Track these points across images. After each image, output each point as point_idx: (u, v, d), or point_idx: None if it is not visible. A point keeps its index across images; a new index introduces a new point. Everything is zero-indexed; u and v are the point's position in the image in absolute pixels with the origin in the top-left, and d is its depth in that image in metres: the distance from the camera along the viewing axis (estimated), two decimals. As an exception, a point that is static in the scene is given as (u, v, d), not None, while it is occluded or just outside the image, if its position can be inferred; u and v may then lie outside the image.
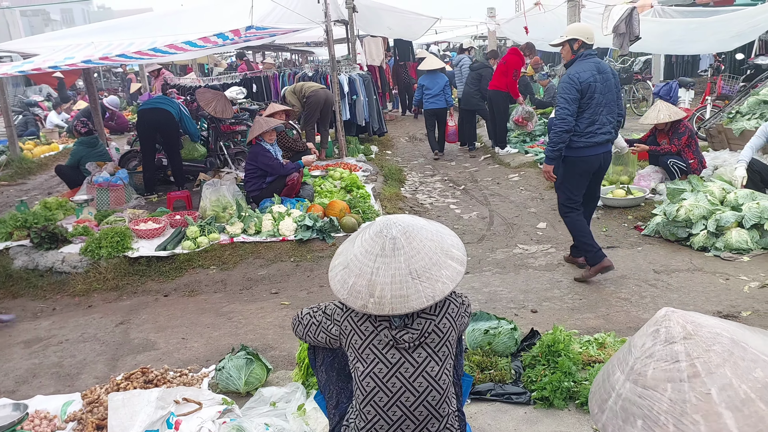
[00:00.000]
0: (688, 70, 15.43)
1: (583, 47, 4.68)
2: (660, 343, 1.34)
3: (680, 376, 1.28)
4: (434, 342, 2.26)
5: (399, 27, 11.46)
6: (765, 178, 6.10)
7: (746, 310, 4.23)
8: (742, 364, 1.28)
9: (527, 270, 5.30)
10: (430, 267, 2.11)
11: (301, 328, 2.47)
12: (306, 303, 4.92)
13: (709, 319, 1.42)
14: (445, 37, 19.52)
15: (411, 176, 9.00)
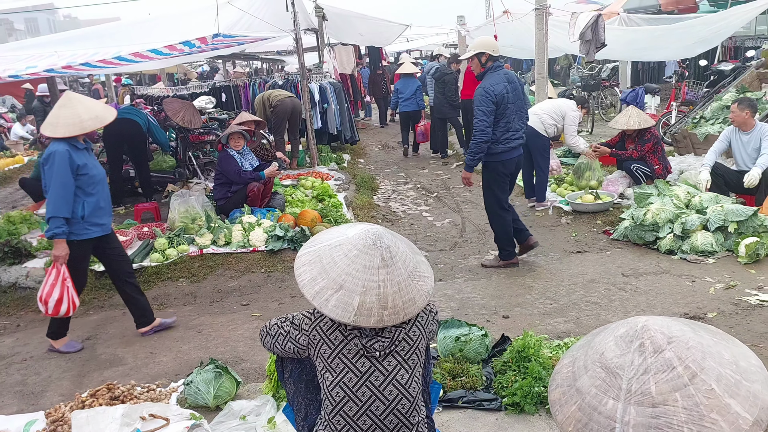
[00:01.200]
0: (654, 77, 15.75)
1: (491, 60, 5.07)
2: (650, 355, 1.32)
3: (683, 381, 1.27)
4: (404, 350, 2.25)
5: (370, 34, 11.49)
6: (728, 181, 6.23)
7: (712, 312, 4.31)
8: (713, 350, 1.33)
9: (498, 276, 5.33)
10: (416, 266, 2.20)
11: (269, 339, 2.44)
12: (277, 314, 4.84)
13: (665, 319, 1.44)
14: (417, 45, 19.67)
15: (384, 184, 9.00)
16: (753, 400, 1.25)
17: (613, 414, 1.29)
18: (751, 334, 3.91)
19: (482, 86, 5.03)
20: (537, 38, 7.85)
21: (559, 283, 5.04)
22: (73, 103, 4.08)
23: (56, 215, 3.93)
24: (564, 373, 1.47)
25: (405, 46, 19.47)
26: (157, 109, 9.18)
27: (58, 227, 3.95)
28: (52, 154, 3.94)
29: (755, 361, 1.33)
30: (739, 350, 1.36)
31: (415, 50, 19.68)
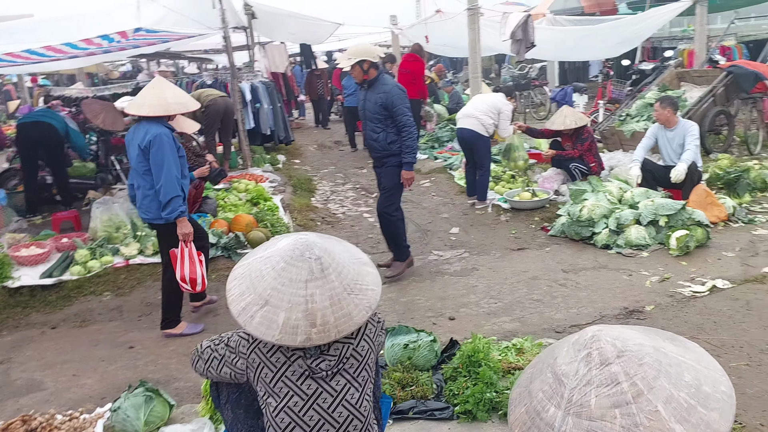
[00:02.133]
0: (581, 76, 16.28)
1: (373, 67, 5.02)
2: (596, 367, 1.26)
3: (625, 398, 1.19)
4: (353, 367, 2.09)
5: (302, 32, 11.25)
6: (656, 176, 6.43)
7: (650, 305, 4.39)
8: (671, 371, 1.25)
9: (443, 276, 5.26)
10: (356, 278, 1.99)
11: (201, 364, 2.22)
12: (213, 326, 4.61)
13: (626, 331, 1.37)
14: (349, 45, 19.43)
15: (322, 185, 8.80)
16: (704, 428, 1.17)
17: (552, 422, 1.25)
18: (688, 326, 3.99)
19: (397, 86, 5.08)
20: (470, 38, 7.88)
21: (503, 282, 5.03)
22: (162, 86, 4.30)
23: (176, 194, 4.02)
24: (527, 373, 1.42)
25: (337, 45, 19.29)
26: (75, 111, 8.59)
27: (180, 206, 4.06)
28: (158, 136, 3.99)
29: (725, 388, 1.23)
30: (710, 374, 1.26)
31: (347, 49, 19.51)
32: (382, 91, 4.97)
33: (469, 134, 7.02)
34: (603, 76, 12.29)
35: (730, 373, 3.36)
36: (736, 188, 6.62)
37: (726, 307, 4.20)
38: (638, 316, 4.23)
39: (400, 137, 5.02)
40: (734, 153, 8.43)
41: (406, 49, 15.34)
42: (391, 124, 5.01)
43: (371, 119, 5.09)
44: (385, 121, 5.01)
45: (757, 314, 4.03)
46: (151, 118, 4.07)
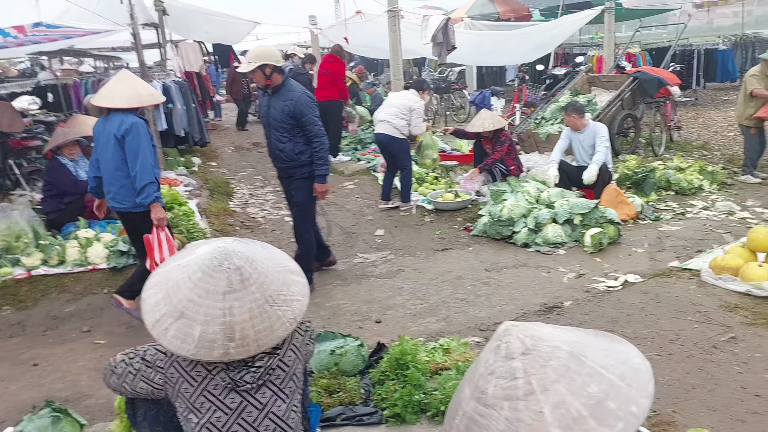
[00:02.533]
0: (497, 80, 16.78)
1: (277, 71, 4.60)
2: (501, 359, 1.31)
3: (517, 394, 1.24)
4: (279, 378, 2.00)
5: (217, 31, 10.91)
6: (571, 177, 6.69)
7: (567, 300, 4.53)
8: (578, 379, 1.26)
9: (368, 279, 5.22)
10: (281, 288, 1.88)
11: (114, 380, 2.06)
12: (126, 339, 4.33)
13: (552, 332, 1.38)
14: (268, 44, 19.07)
15: (240, 188, 8.54)
16: None
17: (462, 401, 1.34)
18: (604, 320, 4.15)
19: (305, 94, 4.68)
20: (391, 40, 7.90)
21: (428, 282, 5.04)
22: (132, 79, 4.45)
23: (151, 180, 4.14)
24: None
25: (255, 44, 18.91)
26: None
27: (155, 191, 4.19)
28: (134, 125, 4.14)
29: (636, 409, 1.22)
30: (628, 392, 1.25)
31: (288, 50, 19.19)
32: (288, 99, 4.60)
33: (384, 138, 7.04)
34: (519, 80, 12.71)
35: (644, 364, 3.54)
36: (643, 187, 7.01)
37: (638, 300, 4.40)
38: (558, 312, 4.36)
39: (311, 148, 4.67)
40: (640, 154, 8.94)
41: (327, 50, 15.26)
42: (299, 134, 4.66)
43: (276, 128, 4.70)
44: (293, 130, 4.65)
45: (666, 306, 4.25)
46: (123, 109, 4.18)
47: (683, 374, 3.41)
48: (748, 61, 15.48)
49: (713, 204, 6.70)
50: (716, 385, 3.29)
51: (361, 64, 16.04)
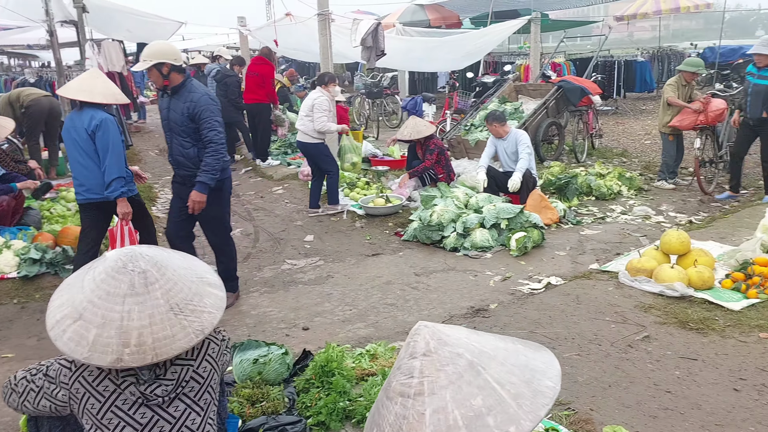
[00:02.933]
0: (429, 87, 17.02)
1: (176, 71, 4.31)
2: (407, 356, 1.37)
3: (409, 392, 1.30)
4: (194, 390, 1.93)
5: (140, 30, 10.51)
6: (498, 182, 6.86)
7: (494, 303, 4.62)
8: (466, 389, 1.29)
9: (297, 286, 5.14)
10: (191, 298, 1.81)
11: (15, 398, 1.93)
12: (36, 352, 4.08)
13: (462, 337, 1.40)
14: (196, 45, 18.65)
15: (164, 193, 8.25)
16: None
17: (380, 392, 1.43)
18: (528, 321, 4.25)
19: (207, 95, 4.37)
20: (321, 43, 7.85)
21: (358, 288, 5.02)
22: (104, 77, 4.59)
23: (119, 175, 4.30)
24: None
25: (182, 44, 18.39)
26: None
27: (122, 186, 4.33)
28: (104, 121, 4.27)
29: (513, 430, 1.24)
30: (514, 412, 1.26)
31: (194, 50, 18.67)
32: (189, 100, 4.27)
33: (300, 145, 7.04)
34: (449, 87, 12.94)
35: (564, 363, 3.64)
36: (566, 193, 7.26)
37: (559, 302, 4.54)
38: (483, 315, 4.43)
39: (204, 153, 4.32)
40: (564, 160, 9.27)
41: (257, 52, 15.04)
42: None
43: (178, 132, 4.37)
44: (195, 134, 4.34)
45: (586, 307, 4.40)
46: (94, 104, 4.31)
47: (600, 373, 3.53)
48: (664, 73, 16.41)
49: (631, 209, 7.02)
50: (631, 382, 3.42)
51: (293, 67, 15.90)
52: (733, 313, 4.17)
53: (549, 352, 1.52)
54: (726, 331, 3.92)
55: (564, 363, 3.66)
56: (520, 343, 1.52)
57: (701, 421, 3.04)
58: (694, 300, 4.41)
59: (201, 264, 2.02)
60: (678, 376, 3.45)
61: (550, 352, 1.53)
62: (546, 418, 3.06)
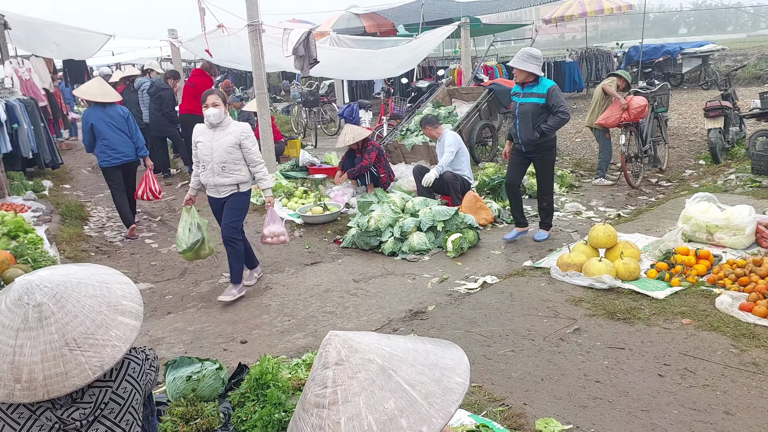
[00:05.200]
0: (366, 93, 17.10)
1: None
2: (320, 367, 1.38)
3: (323, 402, 1.32)
4: (114, 412, 1.87)
5: (67, 44, 10.16)
6: (433, 184, 6.96)
7: (431, 305, 4.68)
8: (379, 393, 1.32)
9: (234, 300, 5.05)
10: (93, 331, 1.74)
11: None
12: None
13: (372, 343, 1.42)
14: (128, 59, 18.15)
15: (97, 211, 7.98)
16: None
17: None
18: (464, 321, 4.33)
19: None
20: (253, 54, 7.79)
21: (296, 298, 4.99)
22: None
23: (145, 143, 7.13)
24: None
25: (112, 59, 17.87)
26: None
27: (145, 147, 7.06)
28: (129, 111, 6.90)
29: (426, 429, 1.28)
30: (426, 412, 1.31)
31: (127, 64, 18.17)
32: None
33: None
34: (385, 93, 13.04)
35: (498, 360, 3.73)
36: (499, 193, 7.43)
37: (494, 300, 4.64)
38: (421, 317, 4.48)
39: None
40: (498, 161, 9.48)
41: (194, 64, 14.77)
42: None
43: None
44: None
45: (519, 304, 4.52)
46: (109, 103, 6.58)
47: (533, 367, 3.63)
48: (592, 72, 17.03)
49: (563, 205, 7.25)
50: (562, 375, 3.53)
51: (229, 78, 15.69)
52: (657, 302, 4.37)
53: (458, 349, 1.56)
54: (651, 320, 4.11)
55: (499, 360, 3.75)
56: (430, 342, 1.56)
57: (628, 408, 3.17)
58: (621, 291, 4.59)
59: (123, 288, 1.94)
60: (607, 366, 3.59)
61: (459, 348, 1.57)
62: (480, 415, 3.12)
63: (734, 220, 5.12)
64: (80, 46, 10.40)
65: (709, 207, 5.33)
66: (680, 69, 17.24)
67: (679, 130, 10.96)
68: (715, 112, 8.46)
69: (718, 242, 5.20)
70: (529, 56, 5.47)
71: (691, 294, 4.45)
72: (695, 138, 10.32)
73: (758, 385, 3.27)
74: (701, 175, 8.28)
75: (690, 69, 17.27)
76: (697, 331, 3.89)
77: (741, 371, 3.41)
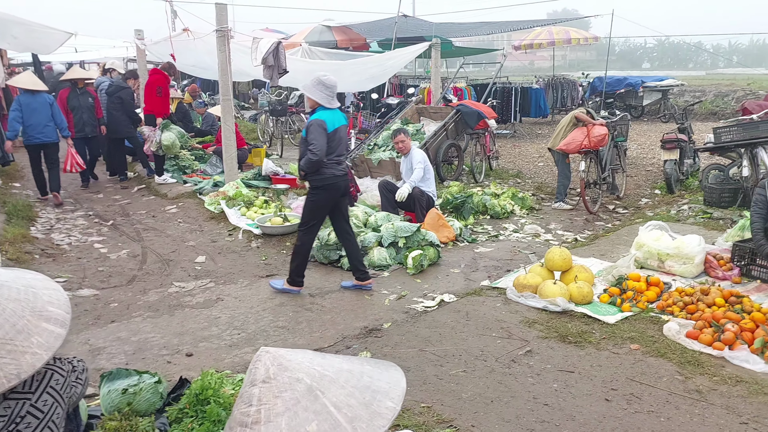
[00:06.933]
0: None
1: None
2: (248, 384, 1.34)
3: (247, 420, 1.28)
4: (31, 427, 1.76)
5: (27, 39, 9.84)
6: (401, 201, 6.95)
7: (387, 322, 4.62)
8: (303, 415, 1.30)
9: (183, 310, 4.90)
10: (13, 336, 1.65)
11: None
12: None
13: (305, 362, 1.38)
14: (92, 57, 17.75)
15: (45, 212, 7.70)
16: None
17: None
18: (418, 339, 4.28)
19: None
20: (220, 60, 7.68)
21: (248, 311, 4.86)
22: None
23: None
24: None
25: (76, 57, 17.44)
26: None
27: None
28: None
29: None
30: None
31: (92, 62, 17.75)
32: None
33: None
34: (354, 107, 13.04)
35: (450, 380, 3.69)
36: (462, 212, 7.46)
37: (450, 319, 4.61)
38: (376, 335, 4.42)
39: None
40: (463, 180, 9.55)
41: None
42: None
43: None
44: None
45: (474, 324, 4.50)
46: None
47: (484, 389, 3.60)
48: (558, 99, 17.41)
49: (522, 227, 7.31)
50: (512, 397, 3.51)
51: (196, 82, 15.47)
52: (608, 326, 4.41)
53: (398, 371, 1.51)
54: (601, 344, 4.13)
55: (450, 380, 3.71)
56: (369, 364, 1.50)
57: (574, 432, 3.16)
58: (574, 314, 4.62)
59: (50, 294, 1.84)
60: (556, 389, 3.58)
61: (400, 371, 1.52)
62: (426, 437, 3.06)
63: (684, 249, 5.22)
64: (38, 42, 10.09)
65: (661, 235, 5.44)
66: (641, 101, 17.75)
67: (637, 160, 11.24)
68: (672, 144, 8.69)
69: (668, 270, 5.29)
70: (319, 83, 4.91)
71: (641, 320, 4.50)
72: (652, 168, 10.59)
73: (701, 413, 3.30)
74: (656, 204, 8.48)
75: (650, 102, 17.79)
76: (645, 357, 3.93)
77: (685, 398, 3.45)
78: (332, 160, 5.00)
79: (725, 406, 3.38)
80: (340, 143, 5.07)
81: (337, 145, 5.02)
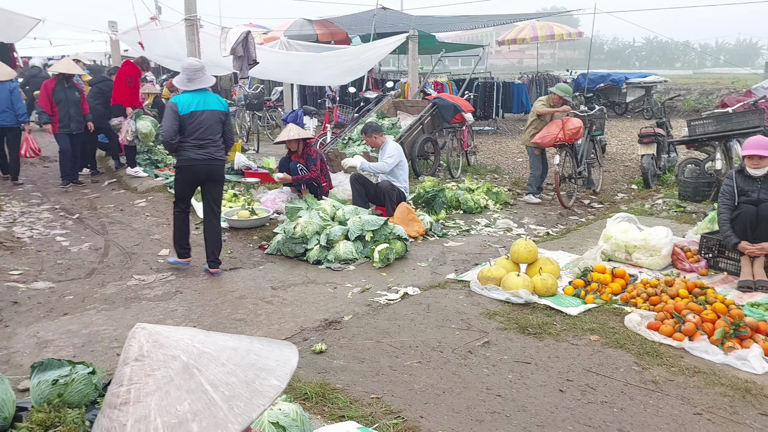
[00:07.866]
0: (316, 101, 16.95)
1: None
2: (121, 363, 1.23)
3: (116, 401, 1.18)
4: None
5: (-10, 24, 9.66)
6: (368, 191, 6.86)
7: (348, 315, 4.53)
8: (174, 394, 1.19)
9: (140, 302, 4.79)
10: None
11: None
12: None
13: (184, 339, 1.28)
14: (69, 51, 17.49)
15: (10, 206, 7.54)
16: None
17: None
18: (377, 331, 4.20)
19: None
20: (189, 50, 7.56)
21: (206, 303, 4.76)
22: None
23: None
24: None
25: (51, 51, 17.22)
26: None
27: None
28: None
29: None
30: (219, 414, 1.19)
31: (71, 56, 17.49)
32: None
33: None
34: (330, 101, 12.94)
35: (404, 371, 3.60)
36: (433, 206, 7.38)
37: (411, 311, 4.53)
38: (335, 327, 4.33)
39: None
40: (440, 176, 9.47)
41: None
42: None
43: None
44: None
45: (434, 316, 4.42)
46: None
47: (437, 380, 3.52)
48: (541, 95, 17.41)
49: (495, 222, 7.25)
50: (465, 388, 3.43)
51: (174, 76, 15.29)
52: (570, 318, 4.34)
53: (291, 349, 1.42)
54: (561, 335, 4.07)
55: (404, 371, 3.63)
56: (259, 342, 1.42)
57: (524, 423, 3.09)
58: (537, 306, 4.56)
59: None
60: (510, 380, 3.51)
61: (294, 349, 1.43)
62: (370, 428, 2.98)
63: (651, 241, 5.17)
64: (6, 28, 9.88)
65: (629, 227, 5.39)
66: (624, 98, 17.78)
67: (617, 156, 11.23)
68: (649, 138, 8.67)
69: (635, 262, 5.24)
70: (182, 66, 5.17)
71: (604, 311, 4.44)
72: (630, 164, 10.58)
73: (655, 403, 3.25)
74: (632, 198, 8.44)
75: (634, 99, 17.82)
76: (604, 348, 3.87)
77: (640, 389, 3.39)
78: (189, 143, 5.02)
79: (681, 396, 3.32)
80: (201, 126, 5.04)
81: (196, 128, 5.00)
